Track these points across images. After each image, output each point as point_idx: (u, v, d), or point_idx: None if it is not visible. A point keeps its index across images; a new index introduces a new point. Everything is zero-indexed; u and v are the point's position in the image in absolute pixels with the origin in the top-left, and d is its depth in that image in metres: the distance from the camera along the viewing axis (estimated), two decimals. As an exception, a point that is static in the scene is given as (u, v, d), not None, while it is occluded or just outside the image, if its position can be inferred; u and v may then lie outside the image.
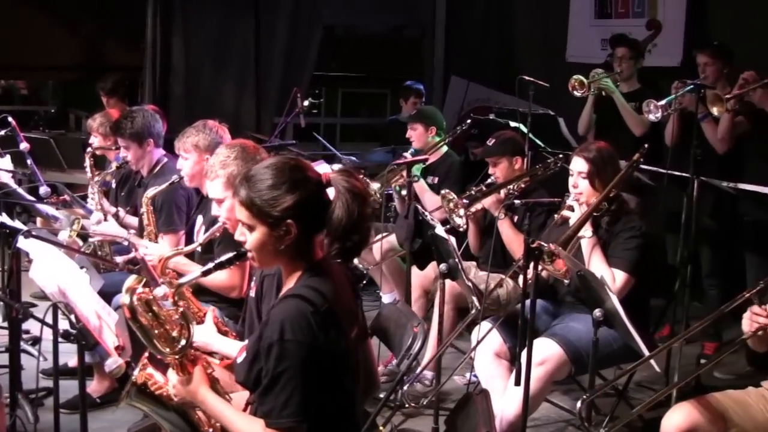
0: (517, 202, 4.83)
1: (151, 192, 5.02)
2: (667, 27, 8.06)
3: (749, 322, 3.30)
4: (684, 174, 5.26)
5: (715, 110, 5.52)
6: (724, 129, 5.85)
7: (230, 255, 2.92)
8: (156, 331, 2.82)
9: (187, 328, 2.84)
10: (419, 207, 4.83)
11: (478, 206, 5.31)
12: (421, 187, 6.24)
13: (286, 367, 2.60)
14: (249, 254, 2.81)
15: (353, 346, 2.82)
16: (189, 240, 4.88)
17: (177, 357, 2.85)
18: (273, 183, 2.71)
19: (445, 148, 6.58)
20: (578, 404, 3.78)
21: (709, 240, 6.22)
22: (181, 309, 2.84)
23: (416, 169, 6.18)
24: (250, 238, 2.77)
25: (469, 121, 6.69)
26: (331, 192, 2.76)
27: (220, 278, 4.10)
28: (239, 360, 2.83)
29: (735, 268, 6.11)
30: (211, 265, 2.97)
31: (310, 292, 2.70)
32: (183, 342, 2.84)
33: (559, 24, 9.22)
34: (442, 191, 5.26)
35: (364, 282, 7.33)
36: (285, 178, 2.72)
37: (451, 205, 5.11)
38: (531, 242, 3.78)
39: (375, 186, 5.90)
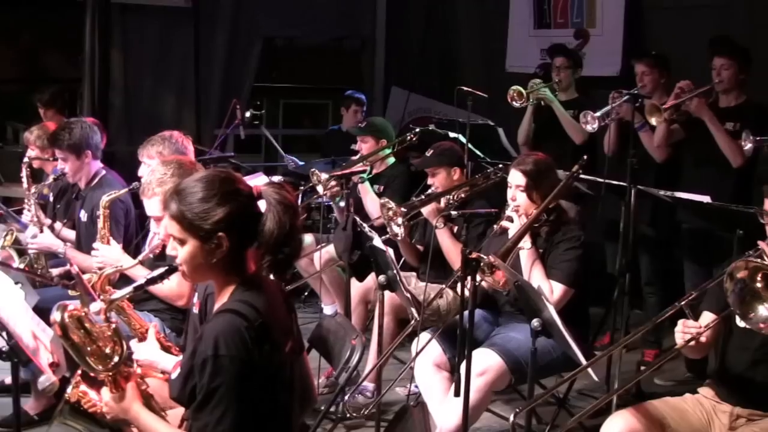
0: (454, 212, 4.83)
1: (106, 198, 4.87)
2: (606, 37, 8.18)
3: (681, 335, 3.35)
4: (621, 183, 5.31)
5: (653, 120, 5.63)
6: (661, 137, 5.94)
7: (161, 270, 2.89)
8: (88, 348, 2.78)
9: (120, 344, 2.80)
10: (357, 218, 4.81)
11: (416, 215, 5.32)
12: (365, 188, 6.24)
13: (220, 382, 2.57)
14: (180, 268, 2.78)
15: (288, 360, 2.79)
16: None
17: (110, 374, 2.80)
18: (203, 196, 2.69)
19: (391, 159, 6.58)
20: (511, 417, 3.79)
21: (648, 248, 6.29)
22: (113, 325, 2.80)
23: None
24: (182, 252, 2.74)
25: (417, 130, 6.70)
26: (262, 205, 2.74)
27: (167, 287, 4.06)
28: (173, 376, 2.79)
29: (673, 274, 6.17)
30: (142, 280, 2.94)
31: (243, 307, 2.67)
32: (116, 359, 2.79)
33: (499, 34, 9.29)
34: (382, 200, 5.26)
35: (306, 294, 7.30)
36: (216, 191, 2.70)
37: (390, 213, 5.11)
38: (468, 253, 3.78)
39: (324, 176, 5.87)
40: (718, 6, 7.66)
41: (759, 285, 3.13)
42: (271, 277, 2.83)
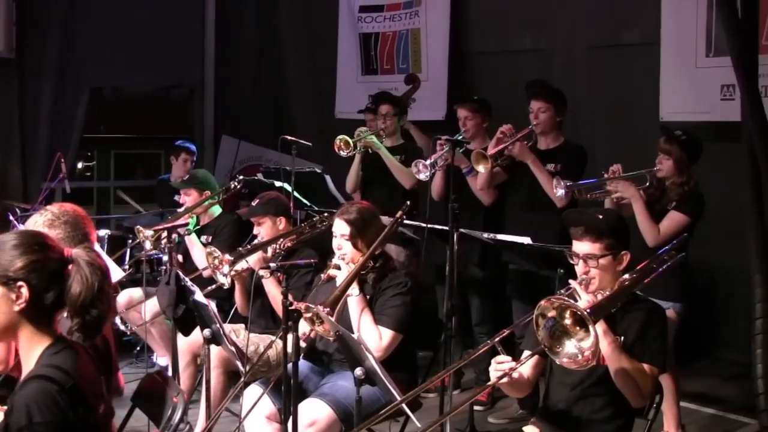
0: (272, 265, 4.78)
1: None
2: (431, 83, 8.37)
3: (494, 371, 3.42)
4: (443, 227, 5.39)
5: (480, 167, 5.75)
6: (483, 181, 6.07)
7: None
8: None
9: None
10: (180, 273, 4.73)
11: (244, 265, 5.27)
12: (191, 240, 6.16)
13: (40, 451, 2.49)
14: None
15: (102, 423, 2.71)
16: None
17: None
18: (12, 245, 2.68)
19: (218, 210, 6.50)
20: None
21: (478, 289, 6.39)
22: None
23: (190, 223, 6.17)
24: None
25: (241, 178, 6.65)
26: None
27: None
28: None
29: (503, 314, 6.28)
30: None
31: (52, 371, 2.59)
32: None
33: (328, 80, 9.37)
34: (207, 248, 5.21)
35: (138, 348, 7.12)
36: (24, 242, 2.69)
37: (216, 262, 5.05)
38: (289, 304, 3.77)
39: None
40: (537, 51, 7.99)
41: (568, 322, 3.24)
42: (81, 339, 2.75)
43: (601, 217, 3.79)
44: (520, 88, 6.38)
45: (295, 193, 6.38)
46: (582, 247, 3.75)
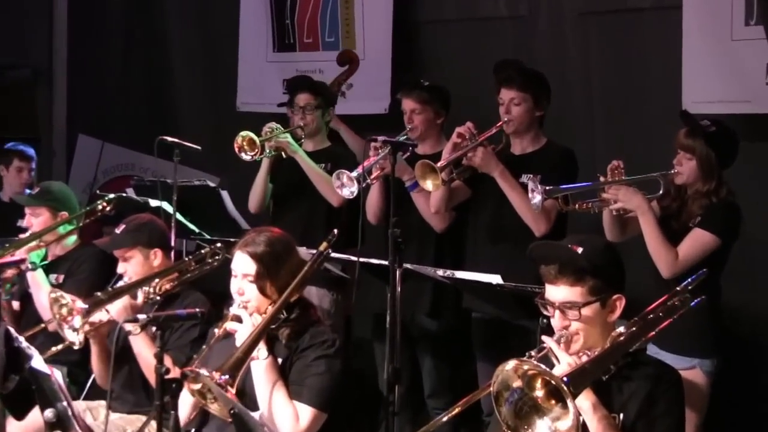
0: (141, 317, 4.76)
1: None
2: (369, 63, 8.34)
3: None
4: (382, 262, 5.42)
5: (428, 183, 5.77)
6: (439, 201, 6.11)
7: None
8: None
9: None
10: (11, 329, 4.70)
11: (103, 316, 5.26)
12: (36, 280, 6.12)
13: None
14: None
15: None
16: None
17: None
18: None
19: (73, 239, 6.50)
20: None
21: (430, 346, 6.44)
22: None
23: (35, 256, 6.18)
24: None
25: (111, 196, 6.61)
26: None
27: None
28: None
29: (465, 380, 6.33)
30: None
31: None
32: None
33: (226, 61, 9.37)
34: (53, 293, 5.17)
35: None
36: None
37: (64, 311, 5.04)
38: (166, 371, 3.79)
39: None
40: (514, 18, 8.02)
41: (539, 394, 3.29)
42: None
43: (580, 249, 3.79)
44: (489, 71, 6.41)
45: (178, 216, 6.37)
46: (557, 292, 3.79)
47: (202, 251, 5.58)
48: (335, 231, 4.95)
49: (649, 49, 7.39)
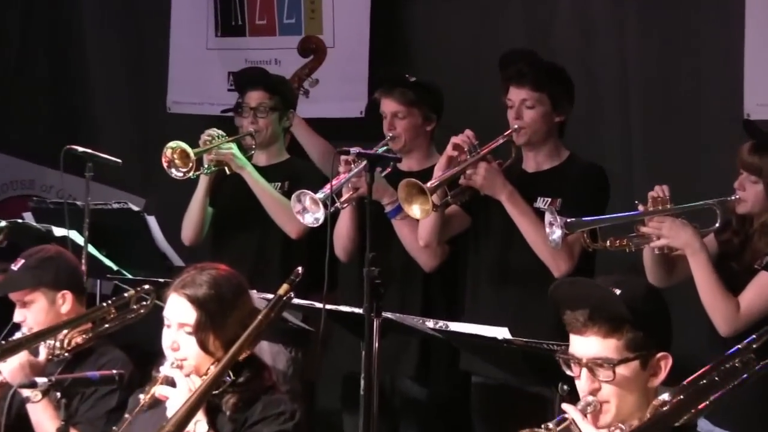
0: (40, 381, 4.75)
1: None
2: (341, 53, 8.40)
3: None
4: (356, 310, 5.42)
5: (415, 210, 5.75)
6: (428, 231, 6.09)
7: None
8: None
9: None
10: None
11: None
12: None
13: None
14: None
15: None
16: None
17: None
18: None
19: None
20: None
21: (416, 419, 6.45)
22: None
23: None
24: None
25: (4, 224, 6.64)
26: None
27: None
28: None
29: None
30: None
31: None
32: None
33: (154, 51, 9.38)
34: None
35: None
36: None
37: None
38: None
39: None
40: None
41: None
42: None
43: (618, 291, 3.78)
44: (494, 64, 6.42)
45: (91, 248, 6.37)
46: (586, 345, 3.78)
47: (125, 295, 5.56)
48: (299, 269, 4.91)
49: (704, 37, 7.41)
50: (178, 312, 4.63)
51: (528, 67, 6.05)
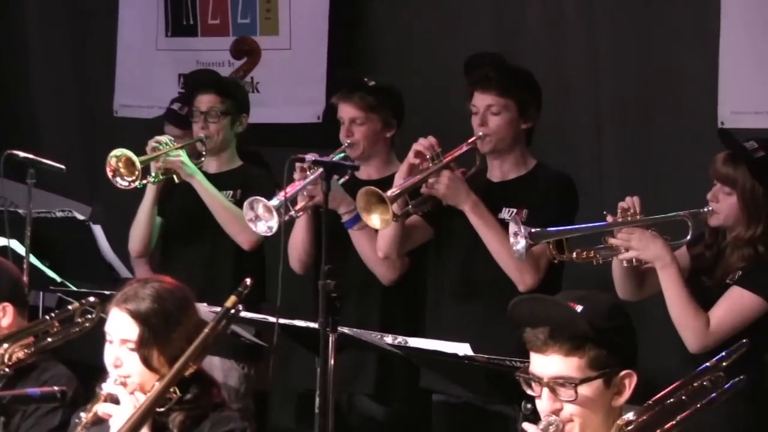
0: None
1: None
2: (298, 55, 8.42)
3: None
4: (311, 324, 5.43)
5: (374, 219, 5.76)
6: (388, 242, 6.11)
7: None
8: None
9: None
10: None
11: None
12: None
13: None
14: None
15: None
16: None
17: None
18: None
19: None
20: None
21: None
22: None
23: None
24: None
25: None
26: None
27: None
28: None
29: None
30: None
31: None
32: None
33: (103, 50, 9.36)
34: None
35: None
36: None
37: None
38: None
39: None
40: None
41: None
42: None
43: (579, 308, 3.77)
44: (459, 67, 6.42)
45: (33, 259, 6.37)
46: (547, 364, 3.78)
47: (69, 307, 5.53)
48: (248, 281, 4.91)
49: (677, 44, 7.44)
50: (120, 327, 4.62)
51: (494, 72, 6.04)
